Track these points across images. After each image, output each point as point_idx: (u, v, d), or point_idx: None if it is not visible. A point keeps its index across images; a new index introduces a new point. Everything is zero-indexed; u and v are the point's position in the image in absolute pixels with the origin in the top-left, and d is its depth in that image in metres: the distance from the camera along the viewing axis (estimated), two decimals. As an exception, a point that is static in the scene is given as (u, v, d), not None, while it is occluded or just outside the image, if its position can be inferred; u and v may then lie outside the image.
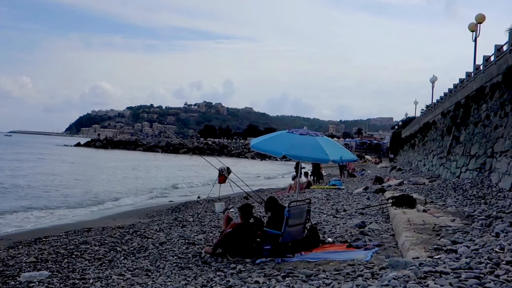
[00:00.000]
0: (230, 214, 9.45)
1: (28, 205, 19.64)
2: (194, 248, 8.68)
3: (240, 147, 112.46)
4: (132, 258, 8.13)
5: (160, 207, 19.86)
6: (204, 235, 10.07)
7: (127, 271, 7.14)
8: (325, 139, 9.16)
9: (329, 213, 12.12)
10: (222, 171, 16.19)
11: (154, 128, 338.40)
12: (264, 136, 9.80)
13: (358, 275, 5.53)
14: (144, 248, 8.92)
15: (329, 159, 8.54)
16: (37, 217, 17.09)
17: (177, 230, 11.06)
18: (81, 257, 8.30)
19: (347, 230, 9.32)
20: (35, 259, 8.24)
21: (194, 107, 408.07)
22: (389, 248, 7.42)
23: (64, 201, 21.97)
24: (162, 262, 7.73)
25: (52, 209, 19.23)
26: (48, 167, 44.55)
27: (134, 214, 17.95)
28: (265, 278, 5.99)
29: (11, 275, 7.14)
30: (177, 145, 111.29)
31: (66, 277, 6.91)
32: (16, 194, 23.42)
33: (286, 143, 8.66)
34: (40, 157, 61.65)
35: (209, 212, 14.90)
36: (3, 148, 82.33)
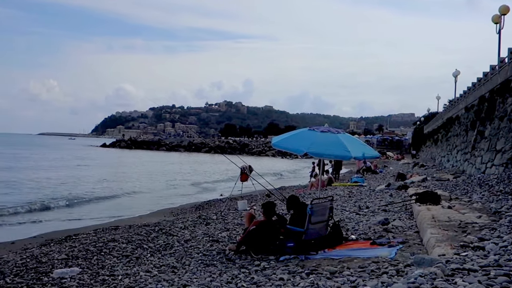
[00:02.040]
0: (253, 212, 9.55)
1: (54, 204, 20.19)
2: (218, 246, 8.79)
3: (261, 145, 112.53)
4: (159, 255, 8.29)
5: (183, 205, 20.15)
6: (227, 233, 10.18)
7: (154, 268, 7.28)
8: (346, 136, 9.16)
9: (351, 210, 12.11)
10: (244, 170, 16.31)
11: (176, 128, 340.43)
12: (285, 134, 9.84)
13: (383, 272, 5.51)
14: (169, 246, 9.07)
15: (351, 156, 8.53)
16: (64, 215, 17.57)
17: (201, 227, 11.21)
18: (110, 254, 8.48)
19: (370, 227, 9.30)
20: (66, 256, 8.45)
21: (214, 106, 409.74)
22: (414, 245, 7.38)
23: (93, 199, 22.50)
24: (187, 259, 7.85)
25: (81, 206, 19.80)
26: (80, 167, 45.56)
27: (159, 212, 18.26)
28: (289, 275, 6.03)
29: (44, 272, 7.35)
30: (199, 144, 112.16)
31: (96, 274, 7.09)
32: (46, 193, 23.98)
33: (308, 140, 8.67)
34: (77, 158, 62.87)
35: (232, 210, 15.04)
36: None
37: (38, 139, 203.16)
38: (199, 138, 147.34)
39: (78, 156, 68.44)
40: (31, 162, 50.43)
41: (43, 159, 58.71)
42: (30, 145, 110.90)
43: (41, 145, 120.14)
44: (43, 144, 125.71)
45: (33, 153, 71.82)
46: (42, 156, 64.77)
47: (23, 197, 21.94)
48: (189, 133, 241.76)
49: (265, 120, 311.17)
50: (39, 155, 68.51)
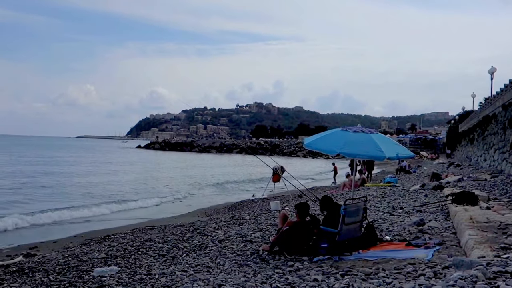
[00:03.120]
0: (286, 212, 9.57)
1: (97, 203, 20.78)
2: (251, 246, 8.83)
3: (292, 146, 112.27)
4: (194, 255, 8.40)
5: (217, 206, 20.34)
6: (261, 233, 10.22)
7: (189, 268, 7.38)
8: (379, 136, 9.06)
9: (385, 211, 11.99)
10: (276, 170, 16.32)
11: (208, 130, 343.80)
12: (317, 135, 9.80)
13: (420, 274, 5.44)
14: (204, 246, 9.18)
15: (385, 156, 8.43)
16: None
17: (235, 228, 11.29)
18: (147, 253, 8.66)
19: (405, 228, 9.18)
20: (106, 255, 8.68)
21: (245, 108, 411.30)
22: (451, 246, 7.26)
23: (127, 199, 23.00)
24: (221, 259, 7.93)
25: (118, 206, 20.34)
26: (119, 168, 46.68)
27: (192, 212, 18.49)
28: (323, 276, 6.02)
29: (85, 270, 7.58)
30: (230, 145, 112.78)
31: (134, 273, 7.25)
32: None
33: (340, 141, 8.61)
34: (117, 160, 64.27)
35: (264, 210, 15.08)
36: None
37: (85, 142, 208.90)
38: (231, 139, 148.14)
39: (120, 159, 69.83)
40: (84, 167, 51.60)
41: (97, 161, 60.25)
42: (81, 149, 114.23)
43: (91, 148, 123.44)
44: (94, 147, 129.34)
45: (80, 156, 73.71)
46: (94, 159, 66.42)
47: (65, 197, 22.62)
48: (220, 135, 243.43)
49: (296, 120, 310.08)
50: (88, 158, 70.19)
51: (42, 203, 20.50)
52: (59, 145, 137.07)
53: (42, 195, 24.04)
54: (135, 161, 66.42)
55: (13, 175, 35.04)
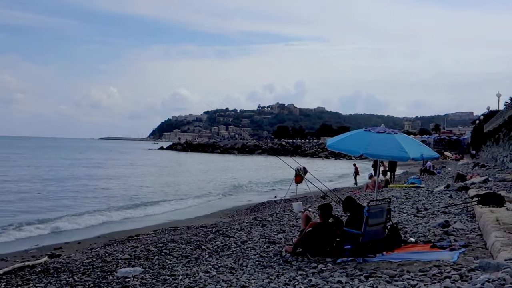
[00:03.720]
0: (309, 213, 9.53)
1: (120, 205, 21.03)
2: (274, 247, 8.82)
3: (314, 146, 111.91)
4: (217, 256, 8.42)
5: (239, 207, 20.39)
6: (283, 234, 10.20)
7: (212, 269, 7.40)
8: (403, 137, 8.96)
9: (409, 212, 11.85)
10: (299, 171, 16.26)
11: (230, 131, 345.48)
12: (340, 136, 9.74)
13: (446, 277, 5.37)
14: (227, 247, 9.20)
15: (409, 157, 8.34)
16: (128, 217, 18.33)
17: (257, 229, 11.29)
18: (170, 254, 8.71)
19: (430, 230, 9.07)
20: (129, 256, 8.77)
21: (267, 109, 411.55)
22: (477, 249, 7.14)
23: (150, 200, 23.23)
24: (244, 260, 7.93)
25: (140, 208, 20.54)
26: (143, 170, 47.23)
27: (215, 213, 18.58)
28: (347, 278, 5.97)
29: (109, 271, 7.67)
30: (252, 146, 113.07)
31: (157, 273, 7.30)
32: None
33: (364, 141, 8.55)
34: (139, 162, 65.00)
35: (287, 211, 15.05)
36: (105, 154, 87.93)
37: (109, 144, 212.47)
38: (252, 140, 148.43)
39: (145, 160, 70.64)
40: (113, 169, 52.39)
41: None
42: (107, 150, 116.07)
43: (115, 150, 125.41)
44: (118, 149, 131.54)
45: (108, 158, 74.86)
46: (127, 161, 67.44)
47: (89, 199, 22.98)
48: (242, 136, 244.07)
49: (318, 121, 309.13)
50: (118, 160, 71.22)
51: (85, 206, 20.75)
52: (85, 147, 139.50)
53: (85, 198, 24.38)
54: (159, 162, 67.11)
55: (39, 178, 35.73)
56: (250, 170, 52.32)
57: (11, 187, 27.85)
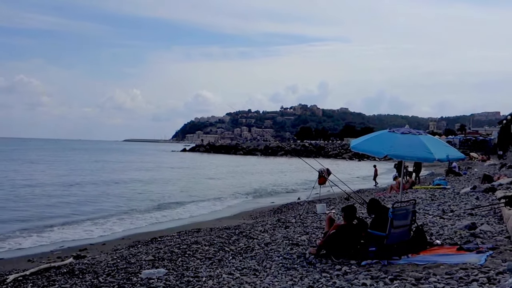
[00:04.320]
0: (332, 215, 9.47)
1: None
2: (298, 249, 8.78)
3: (337, 148, 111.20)
4: (240, 258, 8.43)
5: (262, 209, 20.39)
6: (307, 236, 10.16)
7: (236, 270, 7.41)
8: (428, 137, 8.83)
9: (435, 214, 11.68)
10: (322, 173, 16.21)
11: (253, 132, 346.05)
12: (364, 137, 9.66)
13: (473, 280, 5.28)
14: (250, 248, 9.20)
15: (435, 158, 8.21)
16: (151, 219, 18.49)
17: (281, 231, 11.27)
18: (193, 256, 8.76)
19: (456, 232, 8.91)
20: (153, 257, 8.84)
21: (290, 110, 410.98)
22: (505, 251, 6.98)
23: (173, 201, 23.43)
24: (268, 262, 7.91)
25: (165, 209, 20.71)
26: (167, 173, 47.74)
27: (238, 215, 18.62)
28: (372, 281, 5.92)
29: (133, 272, 7.74)
30: (275, 148, 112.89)
31: (181, 275, 7.34)
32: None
33: (388, 143, 8.46)
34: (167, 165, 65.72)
35: (310, 213, 15.01)
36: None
37: (133, 146, 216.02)
38: (275, 141, 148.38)
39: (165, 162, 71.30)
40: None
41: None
42: (132, 152, 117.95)
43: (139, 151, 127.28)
44: (142, 150, 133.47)
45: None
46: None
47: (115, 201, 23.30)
48: (265, 137, 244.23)
49: (341, 122, 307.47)
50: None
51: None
52: (110, 149, 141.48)
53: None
54: (182, 164, 67.68)
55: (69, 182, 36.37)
56: (272, 171, 52.28)
57: (39, 189, 28.45)
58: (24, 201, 22.23)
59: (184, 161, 76.83)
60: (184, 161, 78.54)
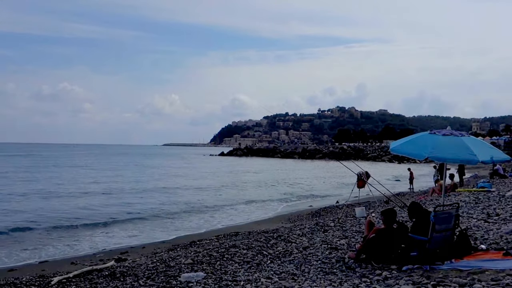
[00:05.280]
0: (372, 219, 9.31)
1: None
2: (337, 253, 8.69)
3: (376, 150, 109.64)
4: (278, 262, 8.40)
5: (300, 212, 20.29)
6: (346, 240, 10.04)
7: (274, 275, 7.39)
8: (471, 139, 8.58)
9: (479, 218, 11.31)
10: (361, 176, 15.98)
11: (290, 135, 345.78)
12: (404, 139, 9.47)
13: (520, 286, 5.09)
14: (288, 252, 9.16)
15: (478, 160, 7.97)
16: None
17: (319, 235, 11.18)
18: (232, 260, 8.79)
19: (502, 236, 8.60)
20: (192, 261, 8.92)
21: (327, 112, 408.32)
22: (556, 256, 6.70)
23: (211, 205, 23.62)
24: (306, 266, 7.86)
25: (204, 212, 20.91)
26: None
27: (276, 218, 18.58)
28: (413, 286, 5.79)
29: (173, 275, 7.83)
30: (312, 150, 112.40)
31: (219, 279, 7.37)
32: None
33: (429, 144, 8.26)
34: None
35: (349, 217, 14.83)
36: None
37: (173, 150, 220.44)
38: (313, 144, 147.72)
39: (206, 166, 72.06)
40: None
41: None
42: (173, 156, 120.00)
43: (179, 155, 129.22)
44: (182, 154, 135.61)
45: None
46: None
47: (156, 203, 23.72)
48: (302, 140, 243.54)
49: (380, 124, 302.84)
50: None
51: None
52: (154, 154, 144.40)
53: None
54: (220, 167, 68.23)
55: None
56: (310, 174, 51.99)
57: (85, 192, 29.32)
58: (71, 205, 22.81)
59: (222, 165, 77.39)
60: (222, 164, 79.13)
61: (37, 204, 22.84)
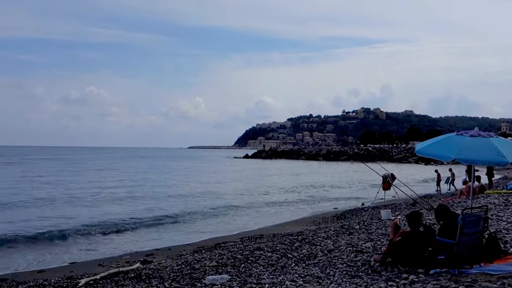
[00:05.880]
0: (398, 222, 9.20)
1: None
2: (362, 256, 8.62)
3: (402, 151, 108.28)
4: (303, 265, 8.35)
5: (325, 214, 20.17)
6: (371, 243, 9.95)
7: (298, 278, 7.35)
8: (500, 140, 8.38)
9: (509, 221, 11.08)
10: (386, 178, 15.81)
11: (314, 137, 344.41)
12: (430, 140, 9.33)
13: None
14: (313, 255, 9.10)
15: (507, 161, 7.79)
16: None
17: (344, 237, 11.10)
18: (256, 262, 8.78)
19: (534, 240, 8.40)
20: (217, 263, 8.93)
21: (352, 114, 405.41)
22: None
23: (236, 207, 23.70)
24: (331, 269, 7.80)
25: (227, 215, 20.99)
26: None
27: (301, 221, 18.51)
28: (441, 290, 5.71)
29: (198, 278, 7.85)
30: (337, 152, 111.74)
31: (244, 281, 7.37)
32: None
33: (456, 146, 8.12)
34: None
35: (375, 219, 14.68)
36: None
37: (198, 152, 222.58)
38: (338, 146, 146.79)
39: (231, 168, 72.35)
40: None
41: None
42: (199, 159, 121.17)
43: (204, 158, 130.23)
44: (208, 157, 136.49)
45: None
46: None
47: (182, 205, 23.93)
48: (327, 142, 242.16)
49: (406, 125, 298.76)
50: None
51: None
52: (179, 156, 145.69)
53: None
54: (244, 170, 68.40)
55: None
56: (335, 176, 51.67)
57: (114, 194, 29.84)
58: (97, 208, 23.17)
59: (246, 167, 77.53)
60: (246, 167, 79.26)
61: (67, 208, 23.22)
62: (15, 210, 22.07)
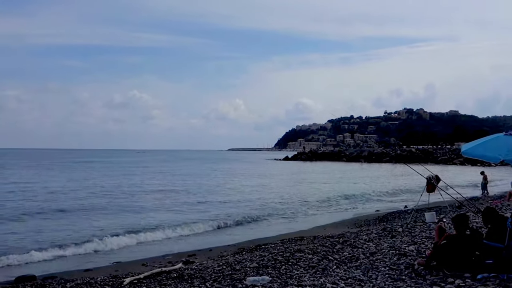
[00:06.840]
0: (443, 225, 8.96)
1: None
2: (405, 260, 8.45)
3: (447, 153, 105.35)
4: (344, 267, 8.26)
5: (367, 217, 19.90)
6: (415, 246, 9.74)
7: (340, 280, 7.27)
8: (551, 140, 8.04)
9: None
10: (431, 179, 15.48)
11: (356, 139, 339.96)
12: (476, 141, 9.03)
13: None
14: (355, 258, 8.99)
15: (558, 162, 7.46)
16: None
17: (387, 240, 10.90)
18: (297, 264, 8.74)
19: None
20: (257, 264, 8.95)
21: (394, 115, 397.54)
22: None
23: (277, 209, 23.68)
24: (374, 272, 7.68)
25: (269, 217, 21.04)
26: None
27: (342, 223, 18.32)
28: (489, 296, 5.51)
29: (238, 279, 7.89)
30: (379, 154, 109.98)
31: (284, 283, 7.35)
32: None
33: (504, 146, 7.82)
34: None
35: (419, 222, 14.37)
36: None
37: (239, 154, 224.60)
38: (379, 147, 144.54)
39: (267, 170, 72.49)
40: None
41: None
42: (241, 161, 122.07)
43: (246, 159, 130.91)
44: (248, 159, 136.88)
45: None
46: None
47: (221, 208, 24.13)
48: (368, 143, 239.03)
49: (450, 126, 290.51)
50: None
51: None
52: (221, 159, 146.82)
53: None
54: (285, 172, 68.33)
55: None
56: (377, 178, 50.82)
57: (161, 195, 30.41)
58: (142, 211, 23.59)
59: (287, 169, 77.39)
60: (287, 169, 79.13)
61: (116, 211, 23.62)
62: (74, 214, 22.33)
